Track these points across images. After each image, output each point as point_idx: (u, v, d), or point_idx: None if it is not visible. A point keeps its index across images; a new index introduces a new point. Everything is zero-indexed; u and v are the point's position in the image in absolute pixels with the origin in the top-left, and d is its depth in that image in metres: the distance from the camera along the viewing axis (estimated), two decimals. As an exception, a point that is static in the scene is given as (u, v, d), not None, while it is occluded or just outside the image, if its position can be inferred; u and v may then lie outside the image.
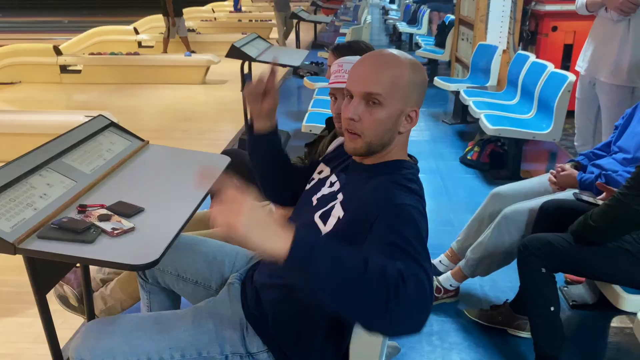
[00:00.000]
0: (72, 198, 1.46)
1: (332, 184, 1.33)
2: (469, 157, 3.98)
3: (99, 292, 1.98)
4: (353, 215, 1.17)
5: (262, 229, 0.89)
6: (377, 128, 1.19)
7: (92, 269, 2.04)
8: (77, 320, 2.17)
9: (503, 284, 2.47)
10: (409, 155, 1.32)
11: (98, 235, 1.30)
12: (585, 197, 1.93)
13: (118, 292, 1.92)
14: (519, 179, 3.66)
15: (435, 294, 2.30)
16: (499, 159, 3.87)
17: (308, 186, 1.41)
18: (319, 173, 1.43)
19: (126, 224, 1.36)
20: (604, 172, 2.04)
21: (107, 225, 1.33)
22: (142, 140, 1.93)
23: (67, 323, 2.14)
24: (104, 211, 1.40)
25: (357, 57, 1.70)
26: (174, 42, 9.23)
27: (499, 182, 3.68)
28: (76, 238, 1.27)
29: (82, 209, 1.42)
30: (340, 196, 1.26)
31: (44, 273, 1.39)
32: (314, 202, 1.33)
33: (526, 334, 2.09)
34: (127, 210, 1.43)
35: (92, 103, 6.35)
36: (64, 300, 2.04)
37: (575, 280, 2.42)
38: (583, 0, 2.88)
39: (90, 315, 1.79)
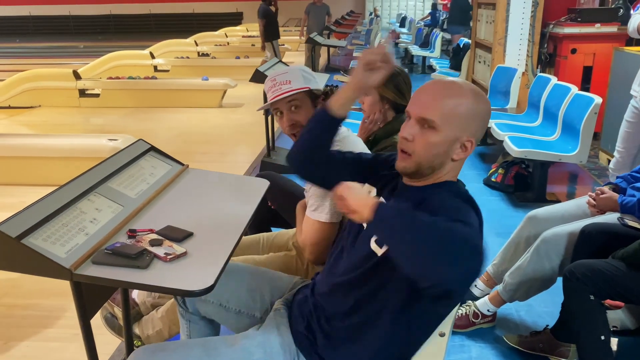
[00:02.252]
0: (121, 223, 1.46)
1: None
2: (493, 179, 3.95)
3: (150, 316, 1.97)
4: None
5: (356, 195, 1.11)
6: (428, 150, 1.21)
7: (142, 292, 2.03)
8: (110, 346, 2.16)
9: (539, 308, 2.42)
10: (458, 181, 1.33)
11: (151, 260, 1.29)
12: (631, 221, 1.90)
13: (168, 317, 1.90)
14: (545, 201, 3.65)
15: (473, 319, 2.26)
16: (524, 181, 3.85)
17: None
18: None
19: (178, 249, 1.35)
20: (645, 195, 2.01)
21: (159, 250, 1.33)
22: (182, 164, 1.94)
23: (100, 348, 2.12)
24: (154, 236, 1.40)
25: (290, 68, 1.77)
26: (193, 66, 9.33)
27: (525, 204, 3.66)
28: (130, 263, 1.27)
29: (132, 234, 1.41)
30: None
31: (90, 297, 1.38)
32: (365, 226, 1.32)
33: (569, 362, 2.05)
34: (176, 234, 1.42)
35: (110, 126, 6.41)
36: (110, 322, 2.03)
37: (614, 305, 2.37)
38: (635, 25, 2.87)
39: (128, 339, 1.78)
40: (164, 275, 1.26)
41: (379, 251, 1.23)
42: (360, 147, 1.74)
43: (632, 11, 5.04)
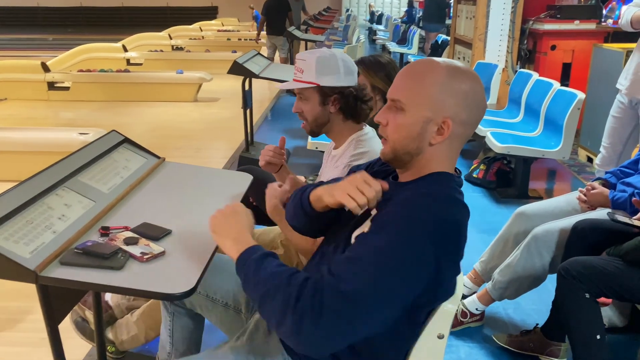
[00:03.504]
0: (93, 219, 1.34)
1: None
2: (474, 175, 3.92)
3: (124, 320, 1.84)
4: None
5: (224, 234, 1.17)
6: (398, 133, 1.14)
7: (117, 294, 1.91)
8: (81, 349, 2.03)
9: (527, 306, 2.38)
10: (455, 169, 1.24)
11: (126, 260, 1.18)
12: (621, 217, 1.85)
13: (144, 321, 1.79)
14: (528, 197, 3.63)
15: (461, 318, 2.20)
16: (506, 177, 3.82)
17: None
18: None
19: (155, 247, 1.24)
20: (637, 190, 1.97)
21: (135, 250, 1.22)
22: (158, 157, 1.82)
23: (71, 354, 1.99)
24: (129, 234, 1.28)
25: (310, 56, 1.66)
26: (167, 60, 9.13)
27: (507, 200, 3.64)
28: (103, 264, 1.15)
29: (105, 231, 1.30)
30: (373, 212, 1.19)
31: (58, 301, 1.26)
32: (351, 223, 1.24)
33: (559, 361, 2.00)
34: (153, 232, 1.31)
35: (80, 121, 6.19)
36: (80, 326, 1.90)
37: (601, 302, 2.33)
38: (628, 18, 2.82)
39: (101, 345, 1.66)
40: (140, 277, 1.15)
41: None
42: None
43: (604, 10, 5.08)
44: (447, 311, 1.16)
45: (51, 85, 7.18)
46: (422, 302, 1.10)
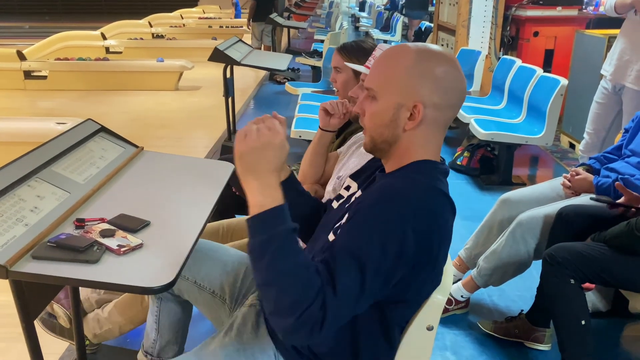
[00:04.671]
0: (67, 211, 1.29)
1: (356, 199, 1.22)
2: (458, 163, 3.91)
3: (94, 314, 1.78)
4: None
5: (253, 169, 0.99)
6: (373, 122, 1.13)
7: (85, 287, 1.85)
8: (60, 345, 1.98)
9: (512, 293, 2.38)
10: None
11: (102, 253, 1.14)
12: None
13: (117, 315, 1.73)
14: (511, 184, 3.64)
15: (446, 306, 2.19)
16: (490, 164, 3.82)
17: (337, 204, 1.30)
18: (347, 189, 1.31)
19: (133, 239, 1.20)
20: (620, 176, 1.97)
21: (111, 242, 1.17)
22: (136, 146, 1.77)
23: (49, 348, 1.94)
24: (105, 226, 1.24)
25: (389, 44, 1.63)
26: (147, 48, 8.98)
27: (491, 187, 3.64)
28: (78, 258, 1.11)
29: (80, 223, 1.25)
30: (354, 205, 1.17)
31: (32, 296, 1.22)
32: (335, 218, 1.22)
33: (544, 347, 2.01)
34: (131, 224, 1.27)
35: (59, 110, 6.06)
36: (47, 323, 1.84)
37: (584, 287, 2.34)
38: (612, 2, 2.81)
39: (80, 340, 1.62)
40: (117, 271, 1.11)
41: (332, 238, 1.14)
42: None
43: (585, -2, 5.08)
44: (436, 302, 1.13)
45: (28, 74, 7.02)
46: (394, 296, 1.06)
